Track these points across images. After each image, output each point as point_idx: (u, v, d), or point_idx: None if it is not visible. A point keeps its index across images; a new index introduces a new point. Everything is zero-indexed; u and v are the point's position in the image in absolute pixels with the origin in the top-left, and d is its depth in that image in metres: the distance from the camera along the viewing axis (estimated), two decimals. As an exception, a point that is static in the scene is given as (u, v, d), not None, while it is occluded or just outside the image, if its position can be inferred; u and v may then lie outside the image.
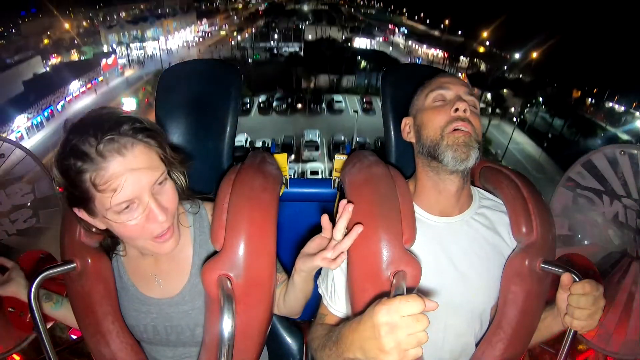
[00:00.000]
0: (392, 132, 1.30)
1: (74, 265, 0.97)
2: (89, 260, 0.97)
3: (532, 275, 0.99)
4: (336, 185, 1.46)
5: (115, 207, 0.76)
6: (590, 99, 29.26)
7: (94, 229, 0.90)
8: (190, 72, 1.38)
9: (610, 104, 28.00)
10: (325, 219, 0.88)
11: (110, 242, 1.00)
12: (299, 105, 30.35)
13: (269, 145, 1.47)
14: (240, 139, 22.45)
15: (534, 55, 31.75)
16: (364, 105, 30.37)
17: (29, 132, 24.64)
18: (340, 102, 31.33)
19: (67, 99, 29.23)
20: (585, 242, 1.29)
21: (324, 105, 31.03)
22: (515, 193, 1.06)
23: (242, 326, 0.88)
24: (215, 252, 0.91)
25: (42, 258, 1.19)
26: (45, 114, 26.49)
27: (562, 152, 23.38)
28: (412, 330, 0.67)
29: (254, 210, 0.91)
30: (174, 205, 0.87)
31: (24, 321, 1.13)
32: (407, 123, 1.14)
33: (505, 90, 29.76)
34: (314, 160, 22.08)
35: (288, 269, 1.27)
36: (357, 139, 22.62)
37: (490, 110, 28.63)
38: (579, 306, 0.89)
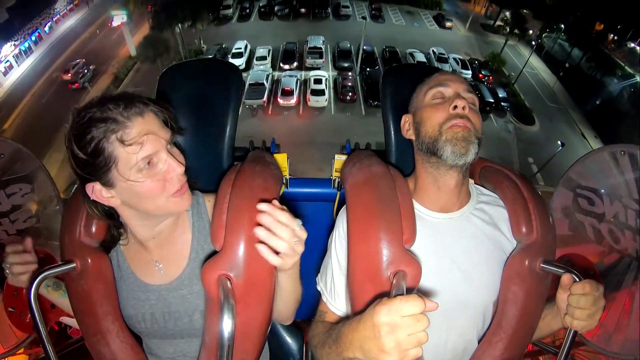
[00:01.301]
0: (392, 132, 1.30)
1: (74, 265, 0.97)
2: (89, 260, 0.97)
3: (532, 275, 0.99)
4: (336, 185, 1.47)
5: (140, 162, 0.83)
6: (612, 35, 27.16)
7: (97, 218, 0.95)
8: (190, 72, 1.38)
9: (633, 45, 26.02)
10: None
11: (114, 232, 1.02)
12: (303, 10, 28.49)
13: (269, 146, 1.46)
14: (240, 46, 21.59)
15: None
16: (373, 12, 28.66)
17: (17, 59, 23.31)
18: (347, 7, 29.35)
19: (54, 19, 27.37)
20: (586, 242, 1.29)
21: (329, 10, 29.11)
22: (515, 193, 1.06)
23: (242, 326, 0.88)
24: (215, 252, 0.92)
25: (42, 258, 1.19)
26: (33, 38, 25.05)
27: (577, 85, 22.54)
28: (413, 331, 0.67)
29: (254, 210, 0.91)
30: (184, 163, 0.93)
31: (24, 321, 1.13)
32: (406, 120, 1.14)
33: (525, 11, 27.57)
34: (317, 68, 21.10)
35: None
36: (364, 47, 21.35)
37: (507, 29, 26.76)
38: (579, 306, 0.89)
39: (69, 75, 21.10)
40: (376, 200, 0.95)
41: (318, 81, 18.98)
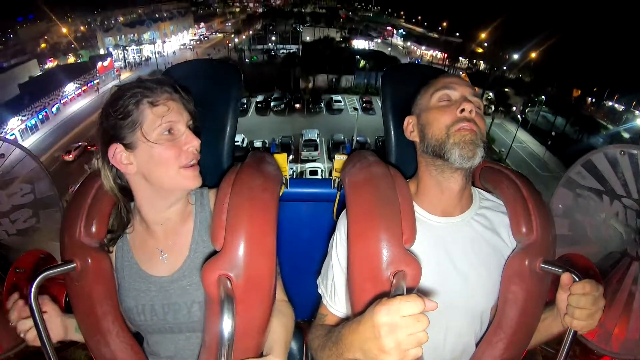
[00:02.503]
0: (392, 132, 1.30)
1: (74, 265, 0.97)
2: (89, 260, 0.98)
3: (532, 275, 0.99)
4: (336, 185, 1.47)
5: (164, 124, 0.94)
6: (590, 98, 29.40)
7: (113, 182, 1.00)
8: (190, 72, 1.38)
9: (610, 103, 28.20)
10: None
11: (123, 214, 1.05)
12: (297, 105, 30.05)
13: (269, 146, 1.46)
14: (237, 139, 21.77)
15: (533, 55, 31.96)
16: (364, 105, 30.14)
17: (23, 134, 24.45)
18: (340, 101, 31.06)
19: (62, 101, 29.11)
20: (585, 242, 1.30)
21: (322, 105, 30.70)
22: (515, 193, 1.06)
23: (242, 326, 0.88)
24: (215, 251, 0.92)
25: (42, 258, 1.19)
26: (40, 116, 26.36)
27: (566, 150, 23.34)
28: (413, 331, 0.67)
29: (254, 210, 0.91)
30: (200, 142, 1.01)
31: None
32: (410, 122, 1.13)
33: (506, 89, 29.79)
34: (313, 160, 21.83)
35: (288, 269, 1.28)
36: (358, 138, 22.48)
37: (493, 107, 28.56)
38: (579, 306, 0.89)
39: (70, 156, 21.75)
40: (376, 200, 0.95)
41: (314, 172, 19.44)
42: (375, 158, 1.11)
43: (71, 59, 39.96)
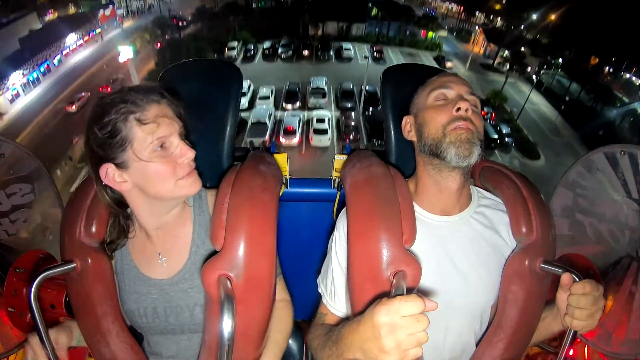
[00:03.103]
0: (392, 132, 1.30)
1: (74, 265, 0.97)
2: (89, 260, 0.98)
3: (532, 275, 0.99)
4: (336, 185, 1.46)
5: (155, 142, 0.89)
6: (608, 68, 28.37)
7: (101, 211, 0.99)
8: (190, 72, 1.38)
9: (627, 75, 27.16)
10: None
11: (123, 223, 1.04)
12: (306, 52, 29.26)
13: (269, 146, 1.46)
14: (243, 86, 21.44)
15: (553, 17, 30.12)
16: (375, 54, 29.14)
17: (25, 88, 23.96)
18: (349, 49, 30.07)
19: (64, 52, 28.43)
20: (585, 242, 1.29)
21: (331, 52, 29.80)
22: (515, 193, 1.06)
23: (242, 326, 0.88)
24: (215, 251, 0.92)
25: (42, 258, 1.19)
26: (42, 69, 25.82)
27: (579, 118, 22.79)
28: (413, 331, 0.67)
29: (254, 210, 0.91)
30: (194, 153, 0.98)
31: (24, 321, 1.13)
32: (408, 122, 1.14)
33: (522, 49, 28.77)
34: (320, 108, 21.26)
35: (288, 269, 1.28)
36: (367, 88, 21.40)
37: (507, 65, 27.77)
38: (579, 306, 0.89)
39: (74, 107, 21.61)
40: (376, 200, 0.95)
41: (321, 120, 19.12)
42: (376, 158, 1.11)
43: (72, 10, 38.03)
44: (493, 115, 22.11)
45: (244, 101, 20.86)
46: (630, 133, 21.66)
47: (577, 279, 0.90)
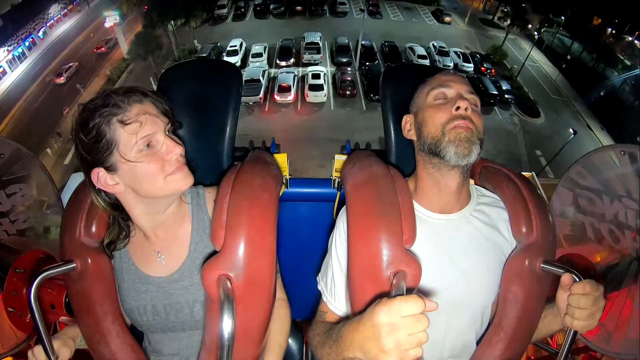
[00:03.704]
0: (392, 132, 1.30)
1: (74, 265, 0.97)
2: (89, 260, 0.98)
3: (532, 276, 0.99)
4: (336, 185, 1.47)
5: (140, 142, 0.89)
6: (610, 29, 27.44)
7: (100, 212, 0.99)
8: (190, 72, 1.38)
9: (630, 38, 26.43)
10: None
11: (122, 224, 1.04)
12: (299, 8, 28.16)
13: (269, 146, 1.46)
14: (235, 44, 21.39)
15: None
16: (370, 8, 28.25)
17: (11, 65, 23.33)
18: (344, 4, 28.96)
19: (48, 24, 27.52)
20: (586, 242, 1.29)
21: (325, 7, 28.73)
22: (515, 193, 1.06)
23: (242, 326, 0.88)
24: (215, 251, 0.92)
25: (42, 258, 1.19)
26: (26, 43, 25.15)
27: (580, 77, 22.41)
28: (413, 331, 0.68)
29: (254, 210, 0.91)
30: (184, 147, 0.97)
31: (24, 321, 1.13)
32: (407, 121, 1.14)
33: (524, 4, 27.31)
34: (315, 63, 20.78)
35: (288, 269, 1.28)
36: (363, 42, 21.17)
37: (508, 21, 26.55)
38: (579, 306, 0.89)
39: (62, 78, 21.24)
40: (376, 200, 0.95)
41: (316, 76, 18.64)
42: (376, 158, 1.11)
43: None
44: (492, 71, 21.83)
45: (236, 59, 20.38)
46: (633, 95, 21.37)
47: (577, 279, 0.90)
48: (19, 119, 18.88)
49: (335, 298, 1.10)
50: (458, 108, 0.99)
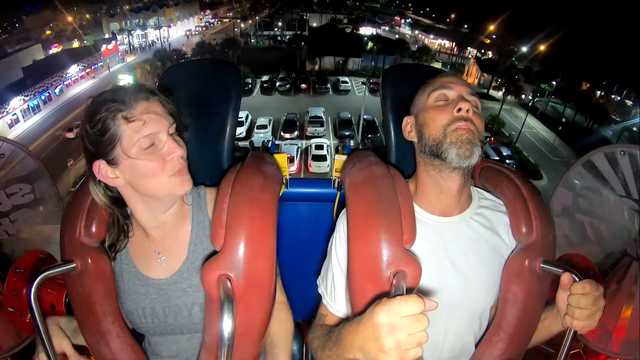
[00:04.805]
0: (392, 132, 1.30)
1: (74, 265, 0.97)
2: (89, 260, 0.98)
3: (532, 276, 0.99)
4: (336, 185, 1.46)
5: (142, 140, 0.89)
6: (599, 92, 29.07)
7: (101, 209, 1.00)
8: (190, 72, 1.38)
9: (619, 98, 27.90)
10: None
11: (122, 222, 1.04)
12: (303, 85, 29.63)
13: (269, 146, 1.46)
14: (241, 115, 21.58)
15: (542, 48, 31.31)
16: (371, 86, 29.09)
17: (25, 115, 24.27)
18: (347, 82, 30.56)
19: (65, 82, 28.90)
20: (586, 242, 1.29)
21: (329, 85, 30.18)
22: (515, 193, 1.06)
23: (242, 326, 0.88)
24: (215, 251, 0.92)
25: (42, 258, 1.19)
26: (43, 97, 26.11)
27: (576, 138, 23.14)
28: (412, 331, 0.67)
29: (254, 210, 0.91)
30: (186, 150, 0.98)
31: (24, 321, 1.13)
32: (408, 122, 1.13)
33: (517, 77, 29.43)
34: (319, 136, 21.54)
35: (288, 269, 1.28)
36: (365, 117, 21.97)
37: (503, 89, 28.33)
38: (579, 306, 0.89)
39: (72, 133, 21.82)
40: (376, 200, 0.95)
41: (319, 147, 19.22)
42: (375, 158, 1.11)
43: (76, 44, 39.23)
44: (492, 139, 22.61)
45: (241, 130, 21.23)
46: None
47: (577, 279, 0.90)
48: None
49: (335, 301, 1.10)
50: (459, 110, 0.99)
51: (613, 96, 28.34)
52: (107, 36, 39.84)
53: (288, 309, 1.20)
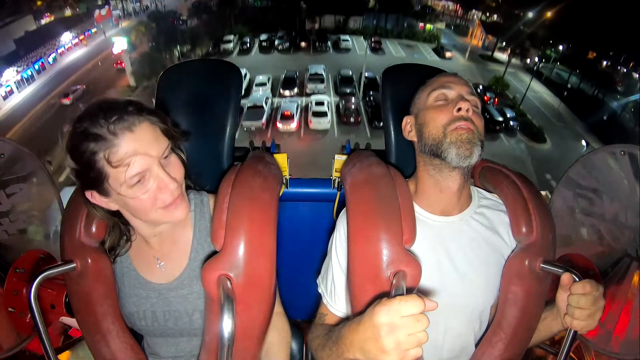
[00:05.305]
0: (393, 132, 1.30)
1: (74, 265, 0.97)
2: (89, 260, 0.97)
3: (532, 275, 0.99)
4: (336, 185, 1.47)
5: (129, 180, 0.82)
6: (605, 62, 28.31)
7: (99, 218, 0.97)
8: (190, 72, 1.38)
9: (625, 70, 27.12)
10: None
11: (122, 228, 1.02)
12: (303, 44, 29.13)
13: (269, 146, 1.47)
14: (243, 85, 21.54)
15: (548, 14, 29.52)
16: (373, 45, 28.90)
17: (19, 86, 23.63)
18: (347, 40, 30.09)
19: (59, 50, 28.21)
20: (585, 242, 1.29)
21: (329, 43, 29.64)
22: (515, 193, 1.06)
23: (242, 326, 0.88)
24: (215, 252, 0.92)
25: (42, 258, 1.19)
26: (36, 66, 25.53)
27: (582, 105, 22.74)
28: (412, 331, 0.67)
29: (254, 210, 0.91)
30: (181, 175, 0.93)
31: (24, 321, 1.13)
32: (408, 122, 1.14)
33: (521, 40, 28.79)
34: (319, 93, 20.93)
35: (288, 269, 1.28)
36: (366, 74, 21.39)
37: (509, 51, 27.88)
38: (579, 306, 0.89)
39: (68, 99, 21.45)
40: (376, 200, 0.95)
41: (320, 103, 18.81)
42: (375, 158, 1.11)
43: (68, 12, 37.11)
44: (496, 100, 22.03)
45: None
46: (634, 121, 21.58)
47: (577, 279, 0.90)
48: (20, 136, 18.92)
49: (335, 300, 1.10)
50: (459, 109, 0.99)
51: (619, 68, 27.39)
52: (99, 1, 37.46)
53: (285, 320, 1.20)
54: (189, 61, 1.46)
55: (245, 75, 21.80)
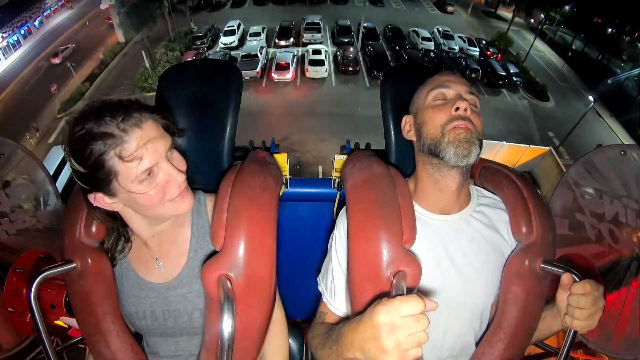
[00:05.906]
0: (393, 132, 1.30)
1: (74, 265, 0.97)
2: (89, 260, 0.98)
3: (532, 275, 0.99)
4: (336, 185, 1.47)
5: (140, 175, 0.83)
6: (610, 29, 27.27)
7: (98, 220, 0.96)
8: (190, 72, 1.38)
9: (630, 39, 26.41)
10: None
11: (121, 230, 1.02)
12: None
13: (269, 146, 1.47)
14: (232, 24, 21.12)
15: None
16: None
17: (5, 52, 22.83)
18: None
19: (45, 14, 27.12)
20: (586, 242, 1.29)
21: None
22: (515, 193, 1.06)
23: (242, 326, 0.88)
24: (215, 252, 0.92)
25: (42, 258, 1.19)
26: (22, 31, 24.69)
27: (585, 68, 22.51)
28: (412, 331, 0.67)
29: (254, 210, 0.91)
30: (185, 168, 0.93)
31: (24, 321, 1.13)
32: (407, 121, 1.14)
33: None
34: (316, 43, 20.23)
35: (288, 269, 1.28)
36: (365, 24, 20.78)
37: (513, 6, 26.92)
38: (579, 306, 0.89)
39: (58, 58, 21.00)
40: (376, 200, 0.95)
41: (317, 52, 18.21)
42: (376, 158, 1.11)
43: None
44: (499, 55, 21.78)
45: (233, 39, 20.28)
46: (636, 91, 21.41)
47: (577, 279, 0.90)
48: (9, 100, 18.57)
49: (335, 299, 1.10)
50: (457, 109, 0.99)
51: (624, 36, 26.53)
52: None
53: (285, 329, 1.20)
54: (189, 61, 1.46)
55: (239, 26, 21.34)
